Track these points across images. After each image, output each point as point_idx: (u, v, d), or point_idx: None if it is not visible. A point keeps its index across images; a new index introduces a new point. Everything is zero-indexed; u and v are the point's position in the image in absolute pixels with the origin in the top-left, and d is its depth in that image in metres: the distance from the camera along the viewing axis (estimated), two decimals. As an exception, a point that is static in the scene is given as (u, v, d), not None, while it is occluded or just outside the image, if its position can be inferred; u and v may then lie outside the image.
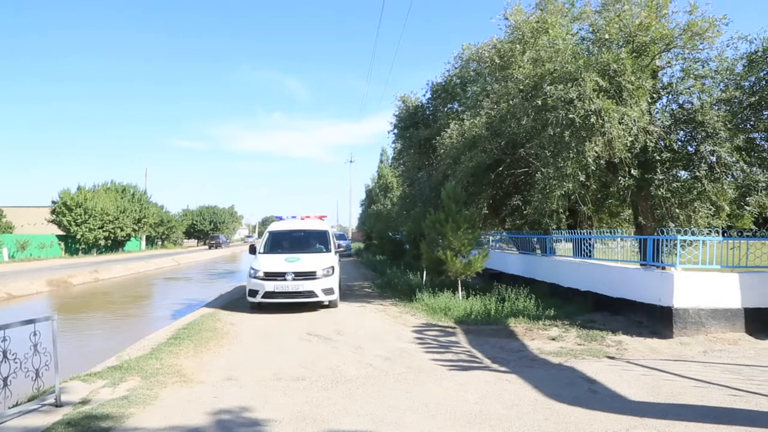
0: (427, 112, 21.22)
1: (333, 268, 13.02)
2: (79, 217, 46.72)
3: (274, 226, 15.24)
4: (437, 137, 17.01)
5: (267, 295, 12.39)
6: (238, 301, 14.69)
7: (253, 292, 12.57)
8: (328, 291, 12.68)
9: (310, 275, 12.55)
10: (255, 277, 12.61)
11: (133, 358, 7.93)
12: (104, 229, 48.66)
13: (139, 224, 54.36)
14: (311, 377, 7.06)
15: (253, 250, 14.01)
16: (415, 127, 20.69)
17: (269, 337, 9.85)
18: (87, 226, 47.02)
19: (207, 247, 74.53)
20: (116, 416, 5.44)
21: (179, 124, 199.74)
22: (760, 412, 5.56)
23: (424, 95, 21.34)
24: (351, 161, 76.11)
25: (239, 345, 9.20)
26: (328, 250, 14.09)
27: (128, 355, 8.21)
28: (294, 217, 16.03)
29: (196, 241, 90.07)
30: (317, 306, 13.18)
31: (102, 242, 48.89)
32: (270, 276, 12.48)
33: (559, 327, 10.02)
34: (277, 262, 12.89)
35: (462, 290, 13.25)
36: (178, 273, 35.08)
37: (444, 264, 12.70)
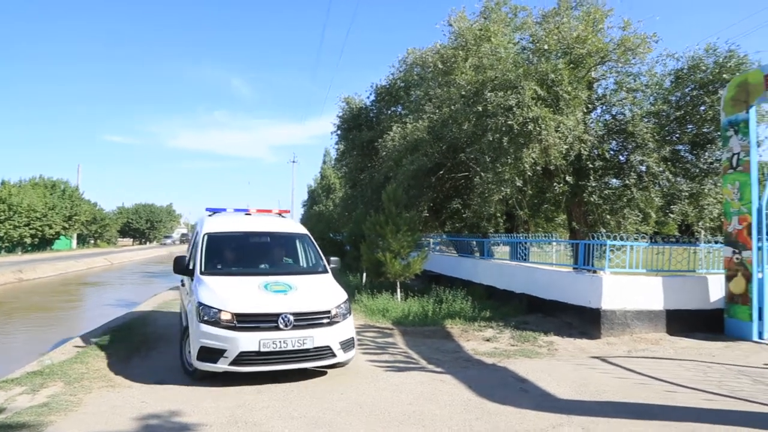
0: (371, 115, 21.33)
1: (347, 301, 7.41)
2: (2, 213, 44.21)
3: (214, 225, 8.38)
4: (380, 139, 17.12)
5: (244, 359, 6.39)
6: (171, 304, 14.24)
7: (212, 353, 6.42)
8: (348, 345, 7.04)
9: (318, 318, 6.81)
10: (211, 322, 6.47)
11: (57, 363, 7.53)
12: (31, 226, 46.25)
13: (70, 222, 52.03)
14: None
15: (183, 266, 7.82)
16: (359, 129, 20.75)
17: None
18: (11, 223, 44.56)
19: (161, 244, 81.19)
20: (34, 425, 5.14)
21: (115, 120, 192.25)
22: (676, 407, 5.86)
23: (368, 97, 21.47)
24: (294, 161, 75.05)
25: (168, 347, 8.96)
26: (322, 269, 8.20)
27: (51, 360, 7.77)
28: (243, 210, 9.56)
29: (132, 240, 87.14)
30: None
31: (28, 240, 46.50)
32: (248, 321, 6.49)
33: (494, 328, 10.22)
34: (252, 292, 6.93)
35: (401, 292, 13.34)
36: (111, 273, 33.81)
37: (383, 266, 12.76)
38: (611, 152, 12.72)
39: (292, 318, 6.59)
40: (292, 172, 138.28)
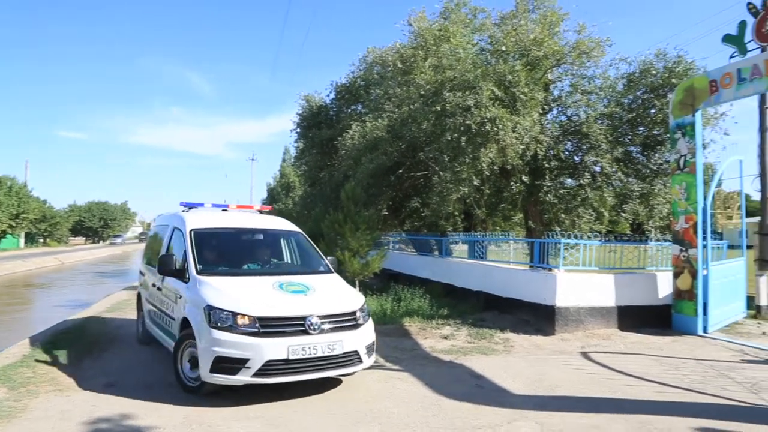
0: (331, 113, 21.24)
1: (366, 303, 6.93)
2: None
3: (199, 221, 7.53)
4: (339, 138, 17.07)
5: (270, 369, 5.64)
6: (127, 304, 13.86)
7: (230, 364, 5.62)
8: (371, 349, 6.57)
9: (345, 321, 6.25)
10: (226, 328, 5.71)
11: (0, 367, 7.24)
12: (-27, 224, 44.39)
13: (17, 220, 50.00)
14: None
15: (171, 267, 6.85)
16: (318, 127, 20.65)
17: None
18: (-49, 221, 42.65)
19: (110, 244, 78.46)
20: (-28, 432, 4.95)
21: (66, 114, 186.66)
22: (627, 399, 6.05)
23: (328, 96, 21.37)
24: (253, 159, 74.81)
25: (122, 349, 8.74)
26: (325, 269, 7.57)
27: (-7, 364, 7.46)
28: (222, 206, 8.84)
29: (84, 238, 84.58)
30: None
31: (-30, 239, 44.63)
32: (273, 326, 5.79)
33: (451, 326, 10.32)
34: (268, 293, 6.25)
35: (360, 290, 13.31)
36: (62, 273, 32.74)
37: (342, 264, 12.70)
38: (566, 153, 13.01)
39: (319, 321, 5.92)
40: (251, 170, 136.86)
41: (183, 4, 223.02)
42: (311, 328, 5.84)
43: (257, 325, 5.71)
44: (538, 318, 9.98)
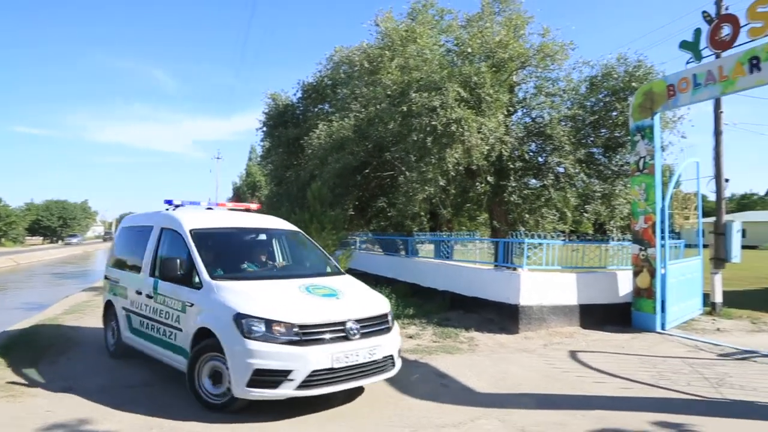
0: (297, 112, 21.11)
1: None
2: None
3: (195, 220, 6.94)
4: (306, 137, 16.98)
5: (314, 380, 5.28)
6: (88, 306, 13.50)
7: (271, 377, 5.20)
8: (399, 352, 6.28)
9: (380, 324, 5.98)
10: (262, 338, 5.26)
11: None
12: None
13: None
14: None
15: (175, 272, 6.21)
16: (285, 126, 20.50)
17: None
18: None
19: (65, 244, 73.38)
20: None
21: (23, 110, 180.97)
22: (587, 395, 6.19)
23: (295, 94, 21.23)
24: (218, 158, 73.36)
25: (79, 353, 8.53)
26: (336, 270, 7.20)
27: (-60, 371, 7.11)
28: (209, 204, 8.19)
29: (42, 238, 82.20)
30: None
31: None
32: (314, 333, 5.40)
33: (417, 325, 10.38)
34: (299, 297, 5.86)
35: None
36: (17, 274, 31.76)
37: (308, 264, 12.67)
38: (531, 154, 13.22)
39: (358, 326, 5.61)
40: (216, 169, 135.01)
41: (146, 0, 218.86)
42: (351, 333, 5.52)
43: (299, 332, 5.31)
44: (503, 317, 10.11)
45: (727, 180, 13.63)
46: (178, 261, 6.22)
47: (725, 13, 10.14)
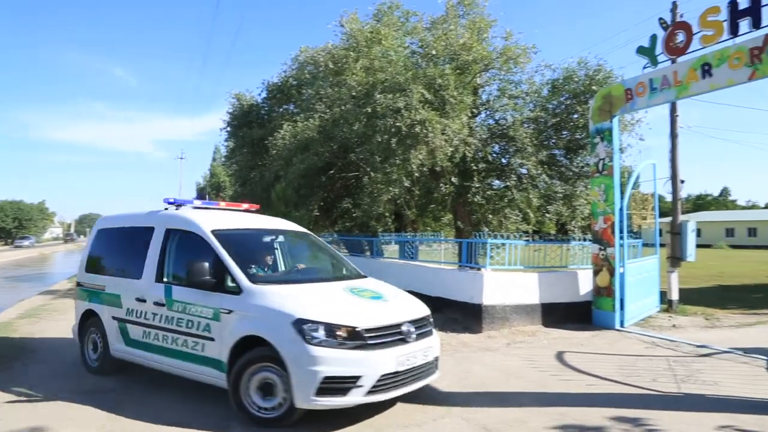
0: (262, 112, 20.91)
1: None
2: None
3: (213, 221, 6.44)
4: (270, 138, 16.83)
5: (381, 384, 5.13)
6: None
7: (340, 384, 4.98)
8: None
9: (426, 326, 5.91)
10: (329, 344, 5.02)
11: None
12: None
13: None
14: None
15: (205, 277, 5.67)
16: (249, 126, 20.28)
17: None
18: None
19: (14, 246, 70.34)
20: None
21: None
22: (549, 393, 6.31)
23: (260, 95, 21.01)
24: (182, 158, 72.41)
25: (35, 359, 8.29)
26: (356, 272, 6.93)
27: None
28: (212, 203, 7.64)
29: (-5, 240, 79.64)
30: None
31: None
32: (378, 336, 5.23)
33: (382, 326, 10.40)
34: (350, 300, 5.72)
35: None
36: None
37: (273, 266, 12.58)
38: (494, 155, 13.41)
39: (413, 328, 5.51)
40: (179, 169, 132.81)
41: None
42: (408, 335, 5.43)
43: (365, 336, 5.13)
44: (466, 316, 10.22)
45: (682, 181, 14.05)
46: (206, 265, 5.71)
47: (679, 21, 10.46)
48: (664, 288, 12.36)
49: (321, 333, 5.00)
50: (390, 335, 5.30)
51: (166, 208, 7.06)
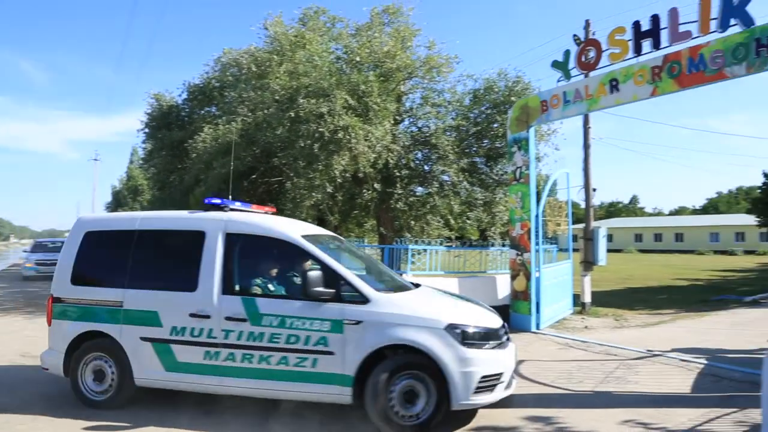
0: (183, 114, 20.29)
1: None
2: None
3: (294, 226, 6.28)
4: (191, 140, 16.33)
5: (509, 380, 5.56)
6: None
7: (489, 382, 5.25)
8: None
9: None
10: (476, 345, 5.25)
11: None
12: None
13: None
14: None
15: (319, 285, 5.29)
16: (169, 127, 19.61)
17: None
18: None
19: None
20: None
21: None
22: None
23: (180, 96, 20.36)
24: (96, 159, 68.50)
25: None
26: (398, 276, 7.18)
27: None
28: (246, 204, 6.73)
29: None
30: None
31: None
32: (501, 336, 5.65)
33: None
34: (462, 304, 6.10)
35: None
36: None
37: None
38: (417, 162, 13.61)
39: (505, 330, 5.84)
40: (93, 171, 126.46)
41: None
42: (507, 337, 5.76)
43: (500, 335, 5.53)
44: (389, 322, 10.26)
45: (594, 189, 14.79)
46: (322, 275, 5.36)
47: (590, 38, 11.03)
48: (578, 291, 12.92)
49: (470, 336, 5.21)
50: (501, 337, 5.60)
51: (211, 209, 6.25)
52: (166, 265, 6.19)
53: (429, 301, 5.80)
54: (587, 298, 12.90)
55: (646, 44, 8.69)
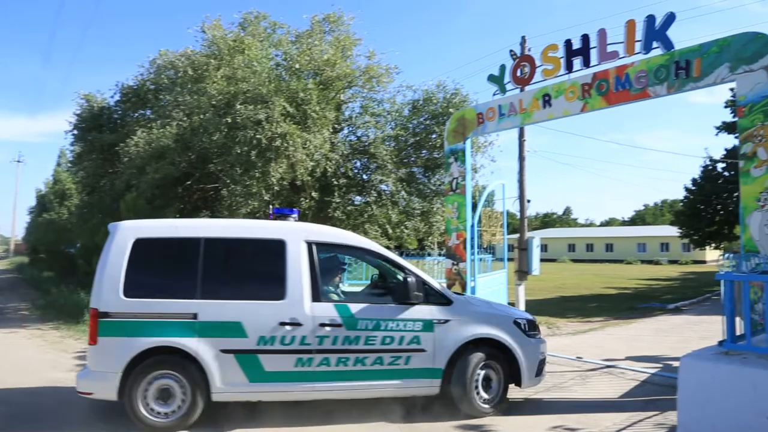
0: (115, 116, 19.55)
1: None
2: None
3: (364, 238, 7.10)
4: (123, 144, 15.73)
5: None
6: None
7: (542, 365, 6.56)
8: None
9: None
10: (532, 335, 6.45)
11: None
12: None
13: None
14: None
15: (417, 291, 5.91)
16: (100, 130, 18.85)
17: None
18: None
19: None
20: None
21: None
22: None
23: (113, 97, 19.60)
24: (19, 161, 64.97)
25: None
26: None
27: None
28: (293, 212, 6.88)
29: None
30: None
31: None
32: (539, 327, 6.98)
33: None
34: (499, 302, 8.29)
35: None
36: None
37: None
38: (355, 171, 13.62)
39: None
40: (16, 174, 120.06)
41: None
42: None
43: (539, 328, 6.79)
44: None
45: (529, 200, 15.22)
46: (416, 281, 5.94)
47: (525, 54, 11.33)
48: (513, 300, 13.19)
49: (528, 327, 6.40)
50: None
51: (276, 218, 6.53)
52: (245, 274, 5.99)
53: (488, 300, 7.24)
54: (521, 307, 13.17)
55: (577, 62, 8.98)
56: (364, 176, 13.78)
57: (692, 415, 4.50)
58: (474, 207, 11.28)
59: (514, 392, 6.96)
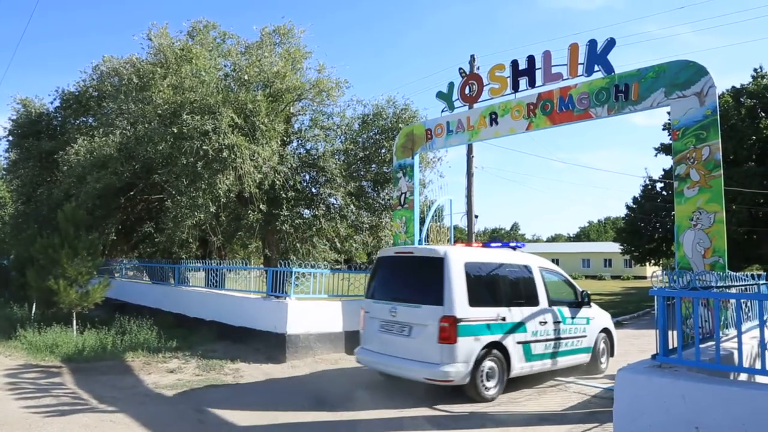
0: (54, 122, 18.90)
1: None
2: None
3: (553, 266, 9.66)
4: (62, 151, 15.18)
5: None
6: None
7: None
8: None
9: None
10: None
11: None
12: None
13: None
14: None
15: (587, 299, 9.38)
16: (37, 136, 18.17)
17: None
18: None
19: None
20: None
21: None
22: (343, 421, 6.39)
23: (52, 103, 18.96)
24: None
25: None
26: None
27: None
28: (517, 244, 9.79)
29: None
30: None
31: None
32: None
33: (179, 358, 9.81)
34: None
35: (78, 324, 11.90)
36: None
37: (56, 294, 11.25)
38: (304, 184, 13.52)
39: None
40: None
41: None
42: None
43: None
44: (270, 346, 10.05)
45: (476, 216, 15.44)
46: (584, 292, 9.32)
47: (473, 73, 11.54)
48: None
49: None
50: None
51: (514, 248, 9.17)
52: (516, 288, 8.28)
53: None
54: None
55: (523, 82, 9.23)
56: (313, 189, 13.70)
57: (627, 428, 4.61)
58: (422, 222, 11.39)
59: (464, 406, 7.06)
